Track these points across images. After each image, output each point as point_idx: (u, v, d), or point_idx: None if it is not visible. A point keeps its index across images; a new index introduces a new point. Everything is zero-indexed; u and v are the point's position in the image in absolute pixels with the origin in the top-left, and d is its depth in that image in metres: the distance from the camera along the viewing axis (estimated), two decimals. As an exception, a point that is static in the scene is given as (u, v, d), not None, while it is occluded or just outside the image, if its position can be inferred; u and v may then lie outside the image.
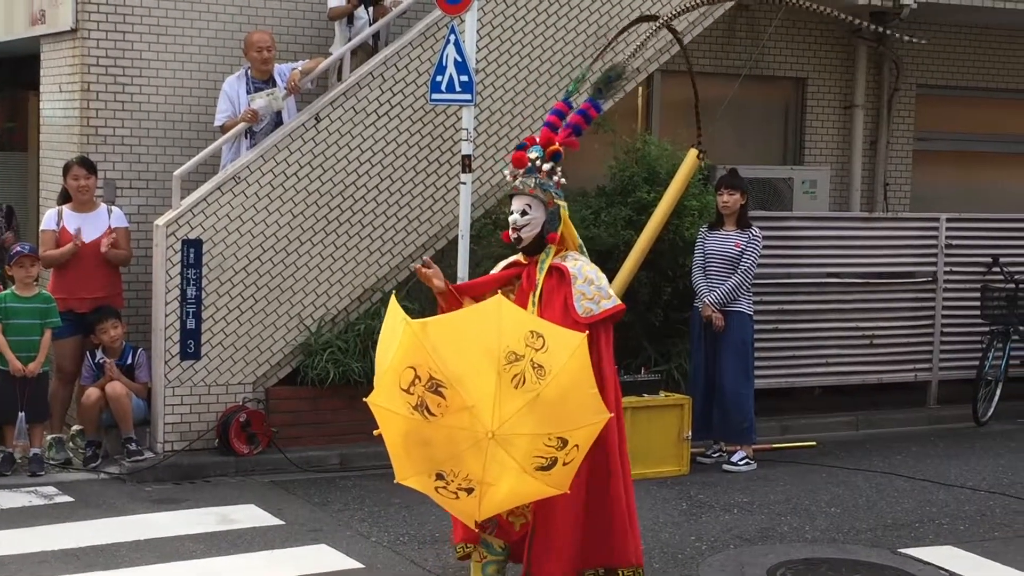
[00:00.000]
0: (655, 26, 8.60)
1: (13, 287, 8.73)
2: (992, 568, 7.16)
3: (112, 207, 9.16)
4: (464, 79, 8.38)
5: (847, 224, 11.01)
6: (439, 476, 5.39)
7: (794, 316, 10.61)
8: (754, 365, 9.46)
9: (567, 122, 6.14)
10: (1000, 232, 11.44)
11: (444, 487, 5.40)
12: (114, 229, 8.97)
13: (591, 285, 5.85)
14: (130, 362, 8.98)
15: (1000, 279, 11.16)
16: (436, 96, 8.59)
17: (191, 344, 8.86)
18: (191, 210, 8.84)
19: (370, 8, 9.86)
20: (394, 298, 5.66)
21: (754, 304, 9.49)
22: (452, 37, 8.40)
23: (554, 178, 5.98)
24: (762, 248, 9.38)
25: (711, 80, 11.09)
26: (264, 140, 9.22)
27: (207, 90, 9.65)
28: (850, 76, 12.30)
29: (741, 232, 9.27)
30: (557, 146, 6.02)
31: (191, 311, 8.84)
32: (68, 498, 8.11)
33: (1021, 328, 11.06)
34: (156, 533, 7.37)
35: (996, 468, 9.45)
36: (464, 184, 8.50)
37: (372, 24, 9.81)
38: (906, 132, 12.68)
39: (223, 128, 9.33)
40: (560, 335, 5.44)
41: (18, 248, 8.83)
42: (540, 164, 5.96)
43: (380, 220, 9.42)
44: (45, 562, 6.83)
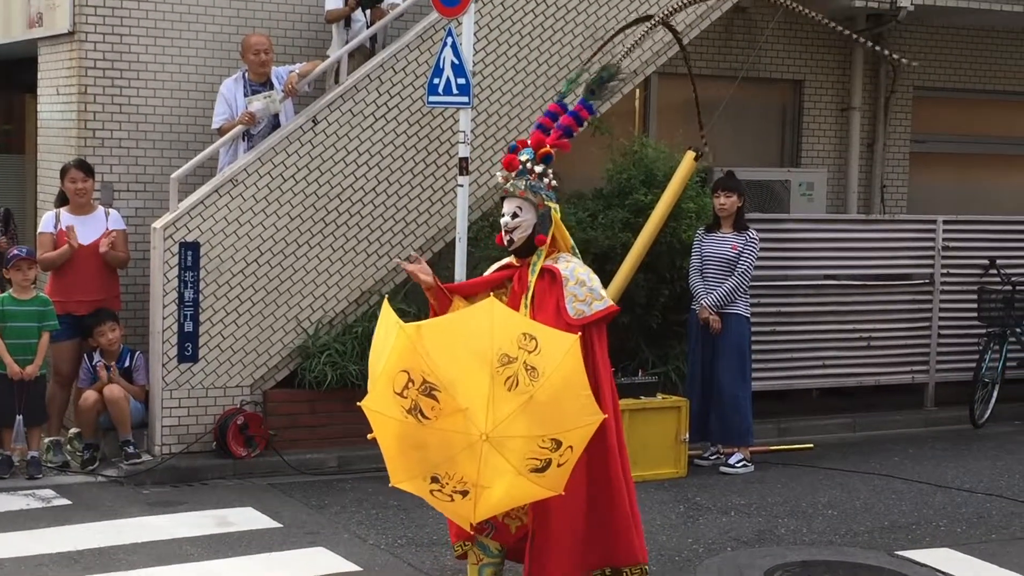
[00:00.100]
0: (650, 24, 8.59)
1: (11, 290, 8.74)
2: (989, 570, 7.16)
3: (110, 210, 9.17)
4: (461, 82, 8.38)
5: (844, 226, 11.01)
6: (434, 479, 5.38)
7: (791, 318, 10.61)
8: (751, 367, 9.46)
9: (558, 124, 6.13)
10: (997, 234, 11.43)
11: (439, 490, 5.39)
12: (112, 231, 8.98)
13: (583, 287, 5.85)
14: (128, 365, 8.98)
15: (997, 281, 11.16)
16: (433, 99, 8.60)
17: (189, 347, 8.86)
18: (188, 213, 8.84)
19: (367, 11, 9.88)
20: (387, 302, 5.67)
21: (751, 306, 9.48)
22: (449, 40, 8.40)
23: (545, 180, 5.98)
24: (759, 250, 9.38)
25: (708, 82, 11.06)
26: (261, 143, 9.22)
27: (204, 93, 9.65)
28: (847, 78, 12.31)
29: (738, 234, 9.27)
30: (548, 148, 6.02)
31: (189, 314, 8.84)
32: (66, 501, 8.11)
33: (1018, 330, 11.06)
34: (154, 536, 7.37)
35: (993, 470, 9.45)
36: (461, 186, 8.50)
37: (370, 27, 9.83)
38: (903, 134, 12.68)
39: (220, 131, 9.34)
40: (553, 337, 5.45)
41: (15, 251, 8.84)
42: (531, 166, 5.96)
43: (378, 223, 9.43)
44: (43, 565, 6.83)
